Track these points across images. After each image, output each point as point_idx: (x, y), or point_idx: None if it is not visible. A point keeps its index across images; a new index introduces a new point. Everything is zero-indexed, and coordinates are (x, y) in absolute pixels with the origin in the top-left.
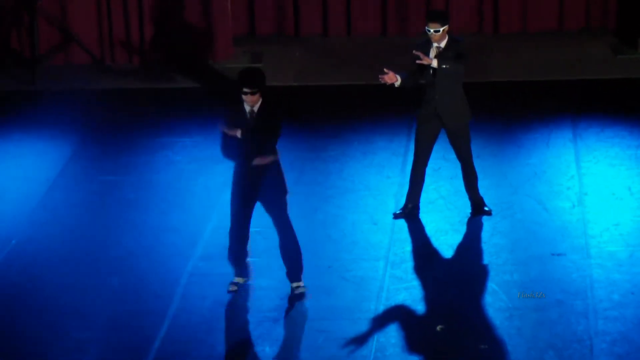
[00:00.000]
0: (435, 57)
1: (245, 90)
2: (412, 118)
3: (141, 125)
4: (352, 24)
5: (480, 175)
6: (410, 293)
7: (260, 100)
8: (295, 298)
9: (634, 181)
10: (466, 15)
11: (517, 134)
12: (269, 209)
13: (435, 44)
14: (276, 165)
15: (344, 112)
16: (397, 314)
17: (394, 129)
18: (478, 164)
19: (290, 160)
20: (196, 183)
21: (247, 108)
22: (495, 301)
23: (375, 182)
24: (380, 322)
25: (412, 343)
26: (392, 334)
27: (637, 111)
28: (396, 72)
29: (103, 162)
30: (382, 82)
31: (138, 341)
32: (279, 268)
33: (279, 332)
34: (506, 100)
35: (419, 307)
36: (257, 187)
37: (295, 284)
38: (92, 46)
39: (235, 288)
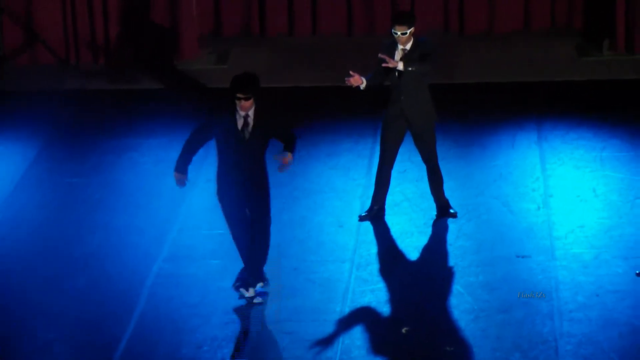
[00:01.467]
0: (401, 59)
1: (239, 95)
2: (377, 120)
3: (106, 126)
4: (317, 23)
5: (445, 177)
6: (375, 295)
7: (254, 106)
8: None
9: (598, 183)
10: (432, 15)
11: (482, 135)
12: (253, 210)
13: (400, 46)
14: (264, 165)
15: (309, 113)
16: (363, 315)
17: (359, 131)
18: (443, 166)
19: None
20: (162, 184)
21: (241, 113)
22: (461, 303)
23: (341, 184)
24: (345, 324)
25: (377, 345)
26: (357, 336)
27: (601, 113)
28: (361, 74)
29: (68, 163)
30: (348, 84)
31: (104, 341)
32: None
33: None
34: (471, 102)
35: (385, 309)
36: (249, 193)
37: (251, 290)
38: (57, 46)
39: (253, 294)
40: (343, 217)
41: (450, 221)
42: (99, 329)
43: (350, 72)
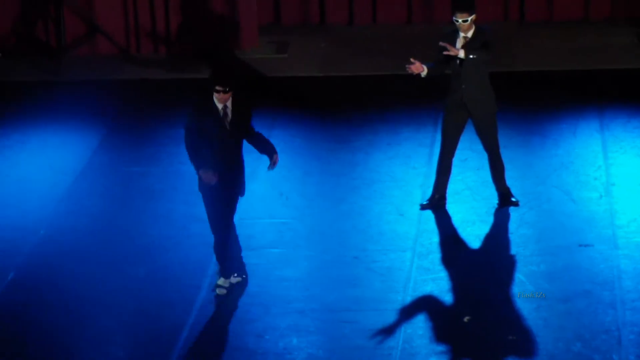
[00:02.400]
0: (462, 47)
1: (218, 88)
2: (438, 108)
3: (167, 115)
4: (377, 12)
5: (507, 166)
6: (437, 284)
7: (231, 97)
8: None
9: None
10: (492, 4)
11: (544, 124)
12: (232, 195)
13: (462, 34)
14: (241, 156)
15: (369, 102)
16: (424, 305)
17: (420, 120)
18: (505, 155)
19: (316, 151)
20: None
21: (219, 105)
22: (522, 292)
23: (402, 173)
24: (407, 313)
25: (439, 334)
26: (419, 325)
27: None
28: (422, 61)
29: (129, 152)
30: (409, 72)
31: (165, 331)
32: (304, 259)
33: (306, 323)
34: (533, 91)
35: (446, 298)
36: (233, 181)
37: (220, 280)
38: (117, 36)
39: (223, 291)
40: (404, 206)
41: (512, 210)
42: (160, 319)
43: (411, 60)
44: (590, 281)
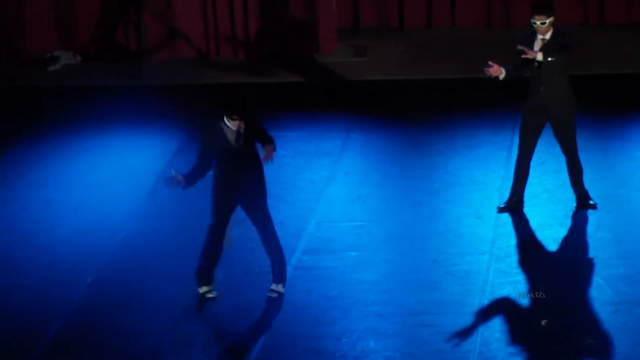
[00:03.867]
0: (541, 49)
1: (234, 117)
2: (516, 111)
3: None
4: (456, 16)
5: (585, 169)
6: (514, 287)
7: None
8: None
9: None
10: (571, 7)
11: (623, 127)
12: (252, 213)
13: (540, 36)
14: (260, 166)
15: (447, 106)
16: (502, 308)
17: (498, 123)
18: (583, 158)
19: (394, 154)
20: (300, 177)
21: (233, 128)
22: (601, 295)
23: (480, 176)
24: (484, 316)
25: (516, 337)
26: (496, 328)
27: None
28: (501, 64)
29: None
30: (487, 75)
31: (244, 335)
32: (383, 262)
33: (384, 326)
34: (611, 93)
35: (524, 302)
36: (239, 197)
37: (274, 286)
38: (197, 41)
39: (214, 293)
40: (482, 209)
41: (590, 213)
42: (239, 322)
43: (490, 63)
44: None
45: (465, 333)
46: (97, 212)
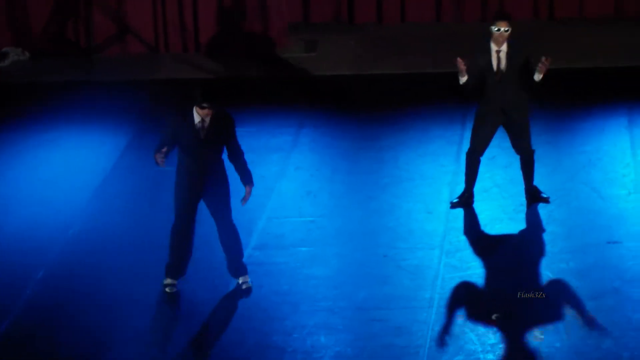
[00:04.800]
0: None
1: (204, 105)
2: (466, 107)
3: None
4: (406, 10)
5: (535, 164)
6: (464, 282)
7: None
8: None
9: None
10: (521, 1)
11: (572, 121)
12: (213, 205)
13: (495, 47)
14: (221, 162)
15: (398, 101)
16: (452, 302)
17: (448, 117)
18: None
19: (345, 149)
20: (251, 173)
21: (197, 119)
22: (551, 289)
23: (430, 170)
24: (435, 310)
25: (467, 332)
26: (447, 323)
27: None
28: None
29: None
30: (458, 64)
31: (195, 329)
32: (333, 257)
33: (335, 321)
34: (561, 87)
35: (474, 296)
36: (202, 189)
37: (241, 279)
38: (147, 36)
39: (173, 289)
40: (432, 204)
41: (540, 207)
42: (191, 317)
43: (458, 60)
44: (619, 278)
45: (416, 328)
46: (47, 208)
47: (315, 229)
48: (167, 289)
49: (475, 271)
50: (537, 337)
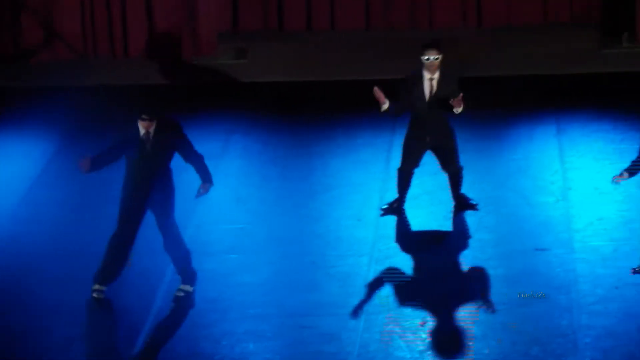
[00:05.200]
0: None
1: (144, 117)
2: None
3: (124, 121)
4: (335, 18)
5: (464, 171)
6: (393, 289)
7: (154, 124)
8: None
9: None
10: (450, 9)
11: (501, 129)
12: (159, 214)
13: (428, 75)
14: (169, 171)
15: (328, 108)
16: (381, 309)
17: (378, 125)
18: (462, 160)
19: (274, 156)
20: (180, 179)
21: (142, 130)
22: (480, 296)
23: (359, 178)
24: (364, 317)
25: (395, 338)
26: (376, 330)
27: (621, 105)
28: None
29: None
30: (375, 94)
31: (122, 337)
32: (262, 264)
33: (264, 328)
34: (490, 95)
35: (403, 303)
36: (148, 199)
37: (185, 286)
38: (75, 42)
39: (102, 295)
40: (362, 211)
41: (469, 214)
42: (117, 324)
43: (376, 89)
44: (547, 285)
45: (345, 334)
46: None
47: (244, 236)
48: (94, 294)
49: (404, 278)
50: (424, 323)
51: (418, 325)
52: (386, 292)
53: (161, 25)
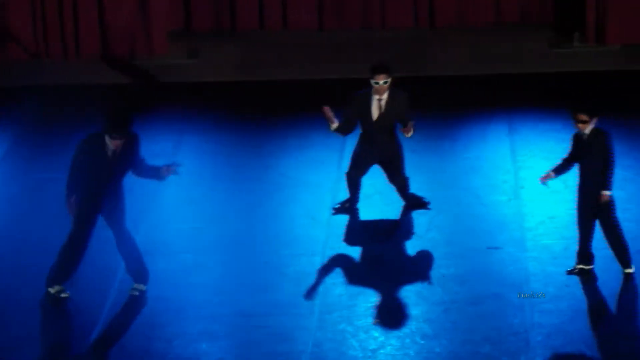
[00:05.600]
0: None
1: (114, 135)
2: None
3: (76, 122)
4: (287, 17)
5: (416, 171)
6: (346, 288)
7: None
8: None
9: (568, 174)
10: (401, 9)
11: (453, 128)
12: (112, 219)
13: (376, 97)
14: (121, 192)
15: (280, 107)
16: (334, 308)
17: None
18: (414, 159)
19: (227, 156)
20: (131, 180)
21: (111, 148)
22: (432, 295)
23: (313, 177)
24: (317, 316)
25: (348, 337)
26: (329, 329)
27: (572, 105)
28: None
29: (38, 159)
30: (323, 112)
31: (74, 334)
32: (216, 264)
33: (217, 328)
34: (442, 95)
35: (356, 301)
36: (102, 205)
37: (139, 285)
38: (27, 42)
39: (65, 294)
40: (315, 211)
41: (421, 213)
42: (69, 322)
43: (325, 108)
44: (499, 283)
45: (298, 334)
46: None
47: (197, 235)
48: (62, 295)
49: (356, 277)
50: (375, 322)
51: (371, 324)
52: (339, 291)
53: (113, 25)
